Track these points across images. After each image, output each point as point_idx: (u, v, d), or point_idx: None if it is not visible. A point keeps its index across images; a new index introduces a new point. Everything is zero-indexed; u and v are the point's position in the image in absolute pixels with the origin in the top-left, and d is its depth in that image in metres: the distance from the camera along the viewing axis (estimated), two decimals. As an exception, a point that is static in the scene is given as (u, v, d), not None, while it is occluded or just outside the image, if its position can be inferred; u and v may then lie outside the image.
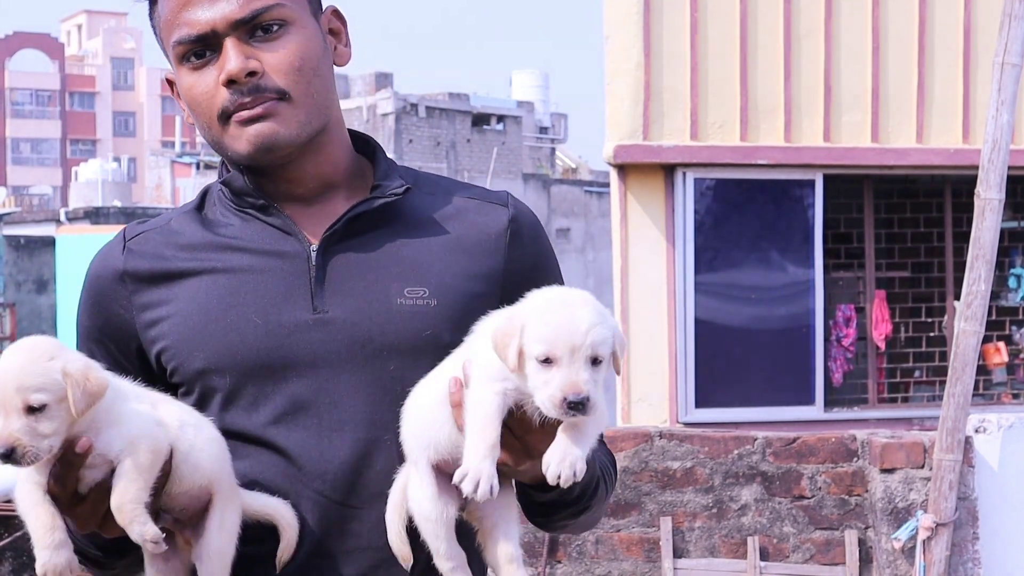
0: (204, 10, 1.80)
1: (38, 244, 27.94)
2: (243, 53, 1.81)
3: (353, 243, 1.86)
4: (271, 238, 1.87)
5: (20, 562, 5.34)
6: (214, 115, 1.83)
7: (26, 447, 1.61)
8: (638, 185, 9.69)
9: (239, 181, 1.89)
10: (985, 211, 5.63)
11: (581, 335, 1.62)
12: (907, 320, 10.56)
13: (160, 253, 1.90)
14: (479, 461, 1.62)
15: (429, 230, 1.89)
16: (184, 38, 1.83)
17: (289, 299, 1.84)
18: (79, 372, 1.65)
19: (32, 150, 77.81)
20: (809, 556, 5.73)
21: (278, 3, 1.82)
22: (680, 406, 9.63)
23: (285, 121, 1.82)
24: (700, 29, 9.63)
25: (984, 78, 9.47)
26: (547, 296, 1.70)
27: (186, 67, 1.85)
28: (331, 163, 1.91)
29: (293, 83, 1.82)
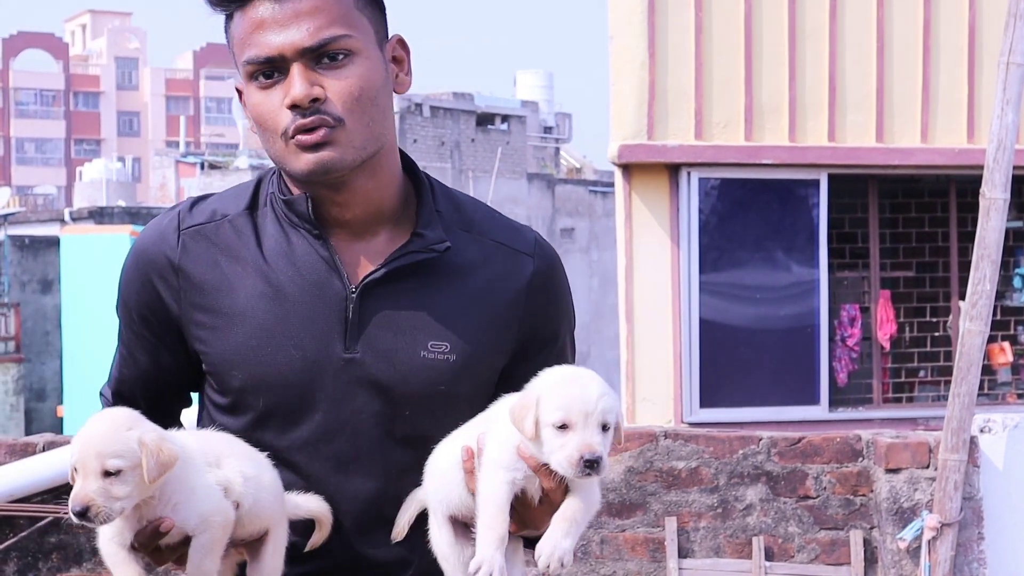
0: (275, 35, 1.90)
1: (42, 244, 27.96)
2: (308, 80, 1.90)
3: (389, 289, 1.97)
4: (317, 270, 1.98)
5: (25, 562, 5.35)
6: (278, 132, 1.93)
7: (100, 507, 1.77)
8: (643, 185, 9.68)
9: (302, 206, 1.98)
10: (990, 211, 5.62)
11: (593, 402, 1.83)
12: (912, 320, 10.55)
13: (215, 260, 2.00)
14: (491, 552, 1.82)
15: (459, 282, 2.01)
16: (254, 59, 1.92)
17: (326, 336, 1.96)
18: (154, 443, 1.80)
19: (36, 150, 77.87)
20: (814, 556, 5.72)
21: (345, 34, 1.91)
22: (685, 406, 9.63)
23: (341, 147, 1.92)
24: (705, 29, 9.63)
25: (989, 78, 9.46)
26: (560, 372, 1.90)
27: (254, 85, 1.95)
28: (380, 188, 2.01)
29: (350, 112, 1.91)
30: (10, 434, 24.19)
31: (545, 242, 2.13)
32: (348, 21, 1.93)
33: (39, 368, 27.37)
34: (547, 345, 2.09)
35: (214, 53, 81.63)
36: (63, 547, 5.36)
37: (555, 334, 2.11)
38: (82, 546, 5.35)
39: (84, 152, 75.82)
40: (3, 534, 5.31)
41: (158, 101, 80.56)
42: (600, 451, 1.81)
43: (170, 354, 2.06)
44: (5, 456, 5.33)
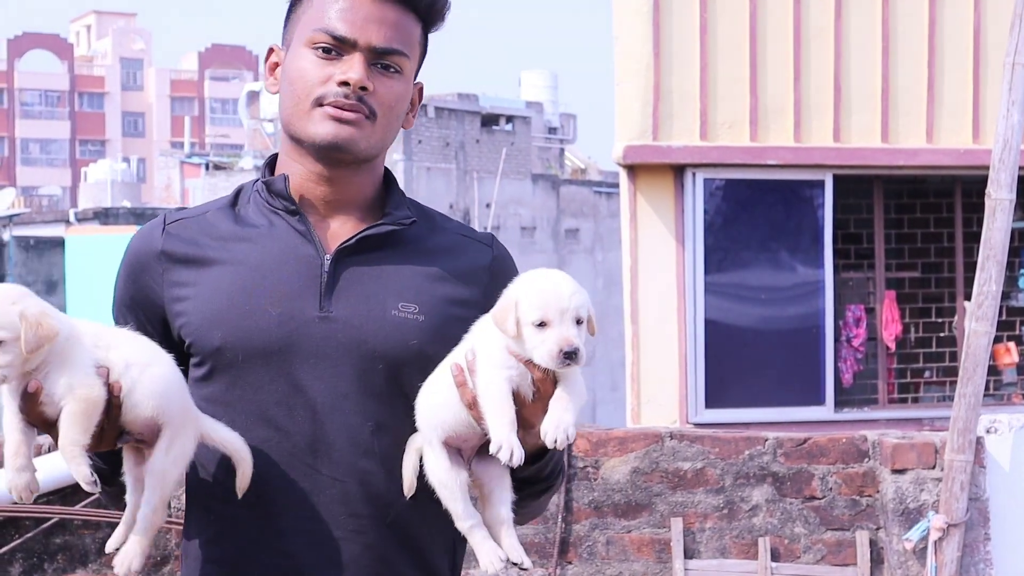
0: (360, 23, 2.14)
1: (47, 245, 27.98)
2: (366, 71, 2.13)
3: (361, 258, 2.16)
4: (293, 241, 2.16)
5: (30, 563, 5.35)
6: (311, 96, 2.13)
7: None
8: (648, 186, 9.68)
9: (280, 184, 2.19)
10: (996, 211, 5.62)
11: (567, 299, 1.99)
12: (917, 320, 10.55)
13: (195, 239, 2.18)
14: (507, 434, 1.97)
15: (425, 259, 2.20)
16: (330, 30, 2.13)
17: (301, 297, 2.12)
18: (34, 317, 1.92)
19: (41, 151, 77.95)
20: (820, 557, 5.72)
21: (406, 54, 2.18)
22: (690, 406, 9.63)
23: (364, 136, 2.14)
24: (710, 29, 9.63)
25: (994, 78, 9.45)
26: (534, 274, 2.06)
27: (312, 52, 2.15)
28: (363, 186, 2.23)
29: (383, 113, 2.16)
30: (15, 435, 24.19)
31: (501, 243, 2.34)
32: (410, 47, 2.19)
33: (44, 368, 27.38)
34: None
35: (219, 54, 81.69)
36: (68, 548, 5.36)
37: None
38: (87, 547, 5.36)
39: (89, 153, 75.88)
40: (9, 535, 5.31)
41: (163, 102, 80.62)
42: (577, 343, 1.97)
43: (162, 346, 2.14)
44: (11, 457, 5.33)
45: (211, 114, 79.40)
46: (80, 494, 5.30)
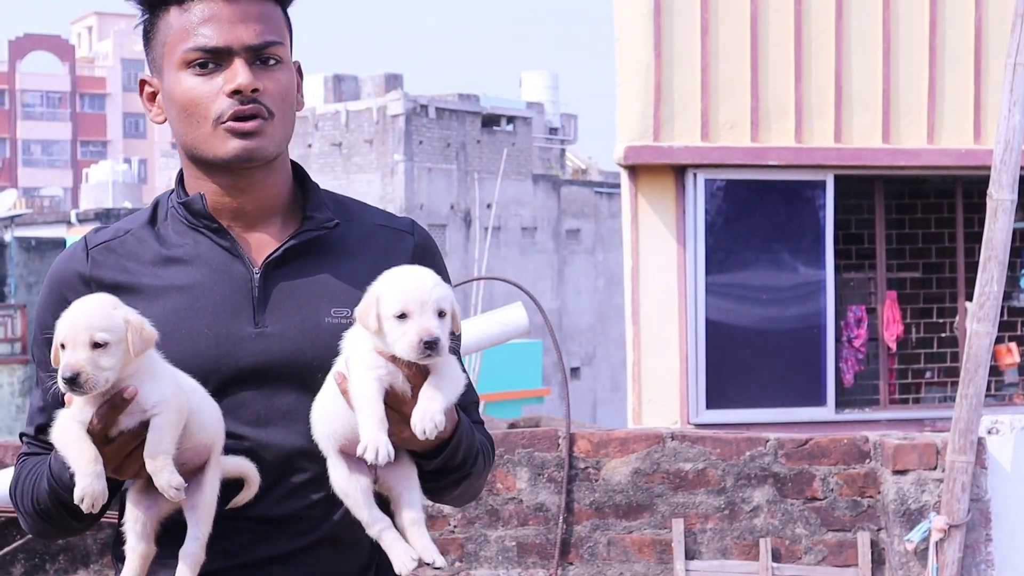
0: (225, 29, 2.11)
1: (49, 246, 28.01)
2: (250, 72, 2.11)
3: (289, 269, 2.16)
4: (220, 260, 2.16)
5: (32, 564, 5.35)
6: (209, 117, 2.11)
7: (88, 375, 1.90)
8: (649, 186, 9.68)
9: (199, 204, 2.17)
10: (997, 212, 5.61)
11: (427, 291, 2.00)
12: (918, 321, 10.54)
13: (123, 266, 2.17)
14: (374, 433, 1.96)
15: (350, 257, 2.21)
16: (201, 46, 2.11)
17: (235, 315, 2.13)
18: (137, 322, 1.96)
19: (43, 152, 77.97)
20: (821, 558, 5.72)
21: (280, 42, 2.16)
22: (691, 407, 9.63)
23: (267, 139, 2.13)
24: (711, 30, 9.63)
25: (995, 78, 9.45)
26: (395, 270, 2.07)
27: (190, 71, 2.13)
28: (276, 184, 2.22)
29: (278, 107, 2.15)
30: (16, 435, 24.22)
31: (421, 226, 2.35)
32: (281, 34, 2.18)
33: (45, 369, 27.42)
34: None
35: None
36: (70, 549, 5.37)
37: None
38: (89, 548, 5.36)
39: (90, 154, 75.91)
40: (10, 535, 5.31)
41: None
42: (437, 333, 1.97)
43: None
44: (12, 458, 5.34)
45: (212, 115, 79.35)
46: (81, 495, 5.29)
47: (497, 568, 5.60)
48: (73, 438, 1.96)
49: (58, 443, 1.99)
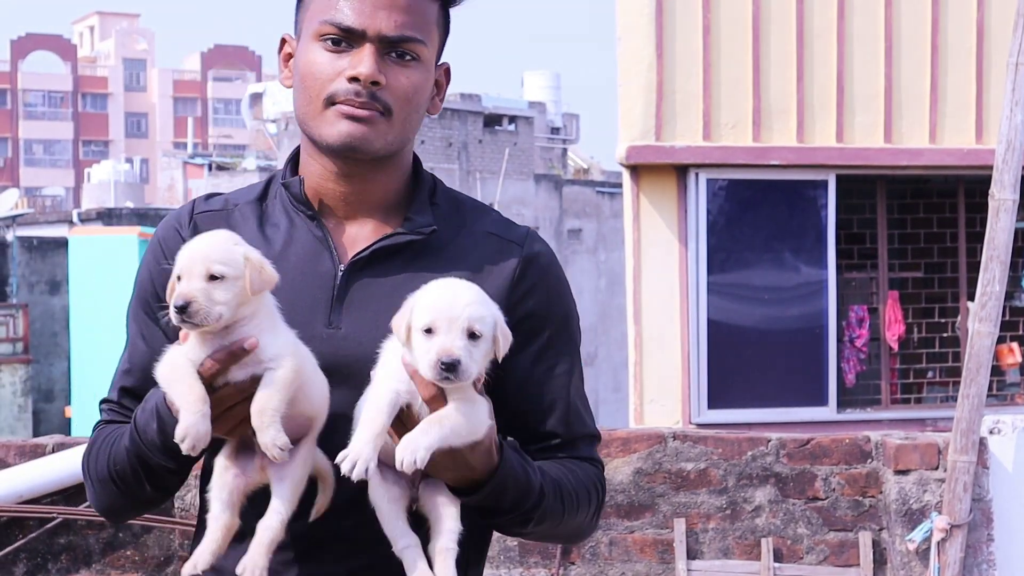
0: (366, 11, 2.01)
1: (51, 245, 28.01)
2: (377, 64, 2.00)
3: (375, 270, 2.06)
4: (310, 249, 2.07)
5: (34, 564, 5.36)
6: (322, 95, 2.02)
7: (200, 305, 1.83)
8: (651, 186, 9.68)
9: (296, 188, 2.09)
10: (999, 212, 5.61)
11: (459, 308, 1.85)
12: (920, 321, 10.54)
13: None
14: (361, 445, 1.83)
15: (446, 265, 2.06)
16: (336, 21, 2.01)
17: (312, 312, 2.03)
18: (257, 260, 1.89)
19: (45, 151, 78.00)
20: (823, 557, 5.72)
21: (421, 40, 2.04)
22: (693, 407, 9.63)
23: (378, 133, 2.02)
24: (713, 30, 9.63)
25: (997, 78, 9.45)
26: (439, 281, 1.93)
27: (321, 44, 2.03)
28: (387, 183, 2.11)
29: (399, 107, 2.02)
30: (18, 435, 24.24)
31: (538, 237, 2.18)
32: (426, 31, 2.05)
33: (47, 369, 27.43)
34: (539, 335, 2.10)
35: (221, 54, 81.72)
36: (72, 548, 5.37)
37: (548, 324, 2.11)
38: (91, 547, 5.36)
39: (92, 153, 75.91)
40: (13, 535, 5.31)
41: (166, 102, 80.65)
42: (459, 354, 1.82)
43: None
44: (15, 457, 5.34)
45: (214, 115, 79.44)
46: (84, 494, 5.30)
47: (499, 568, 5.60)
48: (182, 374, 1.87)
49: (163, 378, 1.89)
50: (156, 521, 5.31)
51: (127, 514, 2.16)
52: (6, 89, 76.52)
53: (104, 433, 2.09)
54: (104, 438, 2.07)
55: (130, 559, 5.38)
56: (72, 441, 5.42)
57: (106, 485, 2.06)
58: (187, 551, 5.41)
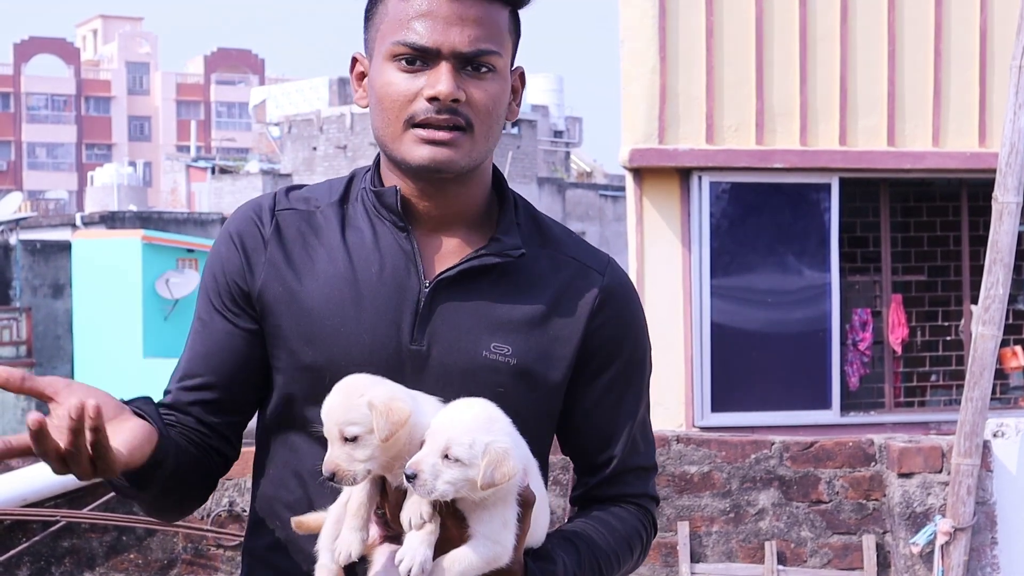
0: (438, 30, 1.98)
1: (54, 248, 28.03)
2: (455, 81, 1.97)
3: (461, 289, 2.02)
4: (397, 263, 2.03)
5: (38, 567, 5.36)
6: (401, 117, 1.99)
7: (344, 471, 1.86)
8: (654, 189, 9.68)
9: (391, 198, 2.05)
10: (1003, 215, 5.61)
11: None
12: (923, 324, 10.54)
13: (303, 241, 2.07)
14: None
15: (528, 291, 2.05)
16: (411, 43, 1.98)
17: (395, 326, 2.00)
18: (383, 404, 1.85)
19: (48, 155, 78.06)
20: (827, 561, 5.71)
21: (496, 51, 2.01)
22: (696, 410, 9.62)
23: (460, 151, 1.99)
24: (716, 33, 9.63)
25: (1000, 81, 9.45)
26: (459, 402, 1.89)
27: (395, 64, 2.00)
28: (471, 196, 2.08)
29: (480, 121, 2.00)
30: (22, 438, 24.19)
31: (619, 267, 2.16)
32: (500, 41, 2.02)
33: (50, 372, 27.42)
34: (611, 366, 2.10)
35: (225, 58, 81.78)
36: (76, 551, 5.37)
37: (621, 356, 2.11)
38: (95, 550, 5.37)
39: (95, 157, 75.98)
40: (16, 538, 5.32)
41: (169, 106, 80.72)
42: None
43: (242, 332, 2.07)
44: (18, 460, 5.34)
45: (217, 118, 79.49)
46: (87, 497, 5.30)
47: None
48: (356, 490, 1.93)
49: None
50: (159, 525, 5.31)
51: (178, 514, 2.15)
52: (9, 92, 76.60)
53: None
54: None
55: (133, 562, 5.38)
56: (76, 444, 5.42)
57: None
58: (190, 554, 5.42)
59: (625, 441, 2.11)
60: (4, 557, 5.28)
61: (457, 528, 1.85)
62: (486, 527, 1.85)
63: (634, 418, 2.13)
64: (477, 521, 1.85)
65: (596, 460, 2.11)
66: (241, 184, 36.78)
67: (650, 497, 2.17)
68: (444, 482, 1.80)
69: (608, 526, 2.07)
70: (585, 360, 2.07)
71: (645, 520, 2.16)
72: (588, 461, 2.11)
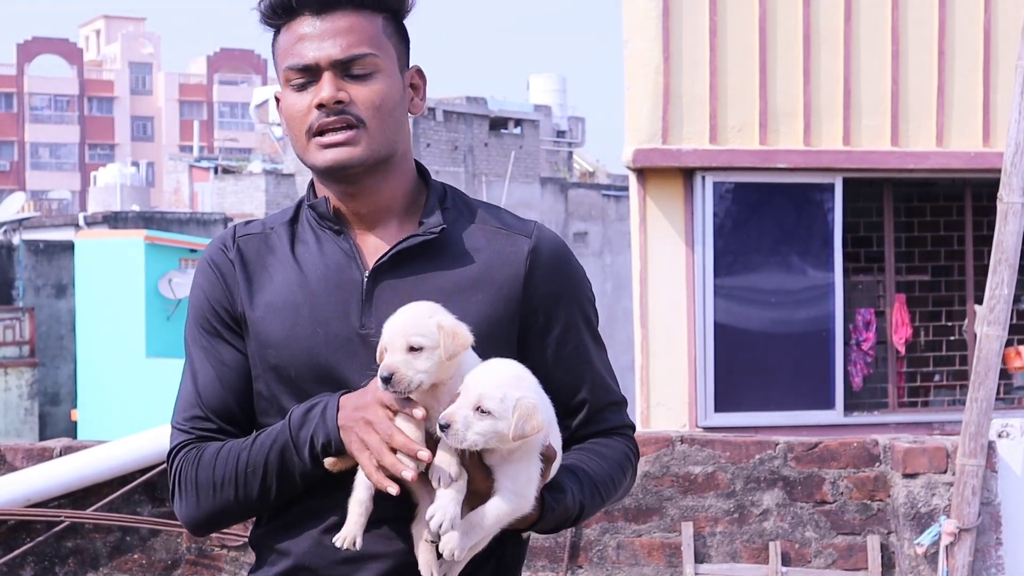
0: (313, 47, 2.21)
1: (57, 248, 28.03)
2: (336, 86, 2.21)
3: (397, 272, 2.23)
4: (339, 261, 2.25)
5: (42, 567, 5.36)
6: (303, 130, 2.24)
7: (403, 375, 2.03)
8: (657, 189, 9.68)
9: (323, 207, 2.28)
10: (1008, 215, 5.61)
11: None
12: (927, 324, 10.53)
13: (263, 260, 2.29)
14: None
15: (460, 262, 2.24)
16: (294, 65, 2.23)
17: (344, 316, 2.22)
18: (450, 326, 2.06)
19: (51, 155, 78.09)
20: (831, 561, 5.71)
21: (371, 53, 2.22)
22: (699, 410, 9.62)
23: (359, 147, 2.21)
24: (719, 32, 9.62)
25: (1004, 80, 9.44)
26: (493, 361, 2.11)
27: (290, 88, 2.25)
28: (391, 188, 2.28)
29: (370, 116, 2.21)
30: (24, 438, 24.25)
31: (548, 229, 2.34)
32: (376, 43, 2.23)
33: (53, 372, 27.45)
34: (559, 316, 2.28)
35: (227, 58, 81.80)
36: (79, 552, 5.37)
37: (562, 310, 2.28)
38: (99, 550, 5.37)
39: (98, 157, 75.99)
40: (20, 539, 5.32)
41: (172, 106, 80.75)
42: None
43: (234, 353, 2.28)
44: (22, 461, 5.34)
45: (220, 118, 79.53)
46: (91, 498, 5.31)
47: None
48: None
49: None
50: (163, 525, 5.31)
51: (220, 524, 2.28)
52: (12, 93, 76.63)
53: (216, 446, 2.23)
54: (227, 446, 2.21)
55: (137, 562, 5.38)
56: (79, 445, 5.42)
57: (222, 490, 2.20)
58: (193, 555, 5.42)
59: (591, 383, 2.31)
60: (8, 557, 5.28)
61: (484, 482, 2.04)
62: (512, 482, 2.03)
63: (593, 361, 2.32)
64: (503, 475, 2.03)
65: (570, 405, 2.28)
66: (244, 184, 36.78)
67: (628, 426, 2.38)
68: (475, 433, 1.97)
69: (600, 455, 2.27)
70: (530, 319, 2.26)
71: (629, 446, 2.36)
72: (563, 407, 2.23)
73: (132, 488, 5.33)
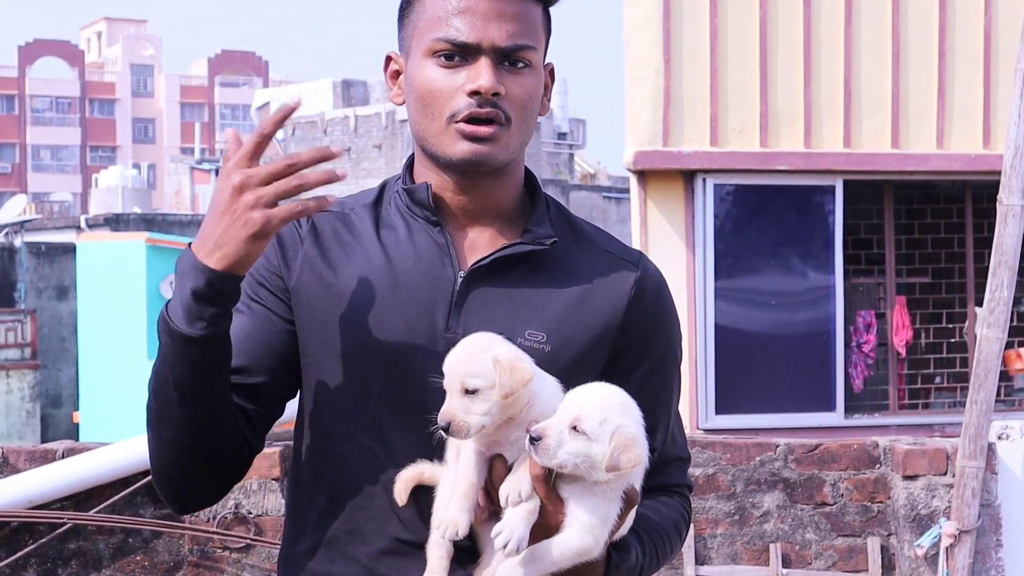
0: (477, 25, 2.01)
1: (58, 251, 28.04)
2: (496, 75, 2.01)
3: (494, 278, 2.06)
4: (431, 254, 2.07)
5: (44, 568, 5.37)
6: (443, 112, 2.02)
7: (460, 421, 1.87)
8: (658, 191, 9.69)
9: (422, 194, 2.09)
10: (1008, 217, 5.61)
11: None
12: (928, 326, 10.54)
13: (338, 238, 2.10)
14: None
15: (562, 280, 2.08)
16: (451, 39, 2.01)
17: (429, 314, 2.03)
18: (507, 361, 1.88)
19: (52, 157, 78.10)
20: (831, 563, 5.72)
21: (532, 46, 2.05)
22: (700, 412, 9.63)
23: (499, 146, 2.03)
24: (720, 35, 9.63)
25: (1005, 83, 9.45)
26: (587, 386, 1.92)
27: (434, 61, 2.04)
28: (505, 190, 2.12)
29: (516, 114, 2.04)
30: (26, 440, 24.26)
31: (651, 261, 2.20)
32: (536, 36, 2.06)
33: (55, 374, 27.45)
34: (645, 360, 2.12)
35: (228, 60, 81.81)
36: (82, 554, 5.38)
37: (654, 350, 2.13)
38: (101, 552, 5.38)
39: (100, 159, 76.02)
40: (23, 540, 5.33)
41: (173, 108, 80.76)
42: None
43: (280, 321, 2.08)
44: (25, 463, 5.35)
45: (221, 120, 79.54)
46: (93, 499, 5.32)
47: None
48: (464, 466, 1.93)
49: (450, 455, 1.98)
50: (165, 527, 5.32)
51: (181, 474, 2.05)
52: (14, 95, 76.66)
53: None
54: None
55: (140, 564, 5.39)
56: (81, 447, 5.43)
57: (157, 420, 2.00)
58: (196, 556, 5.43)
59: (664, 433, 2.13)
60: (11, 559, 5.29)
61: (554, 515, 1.86)
62: (587, 517, 1.84)
63: (671, 410, 2.16)
64: (581, 508, 1.84)
65: None
66: (245, 186, 36.70)
67: (687, 486, 2.21)
68: (566, 452, 1.80)
69: (660, 514, 2.11)
70: (621, 352, 2.09)
71: (686, 507, 2.20)
72: None
73: (134, 490, 5.34)
